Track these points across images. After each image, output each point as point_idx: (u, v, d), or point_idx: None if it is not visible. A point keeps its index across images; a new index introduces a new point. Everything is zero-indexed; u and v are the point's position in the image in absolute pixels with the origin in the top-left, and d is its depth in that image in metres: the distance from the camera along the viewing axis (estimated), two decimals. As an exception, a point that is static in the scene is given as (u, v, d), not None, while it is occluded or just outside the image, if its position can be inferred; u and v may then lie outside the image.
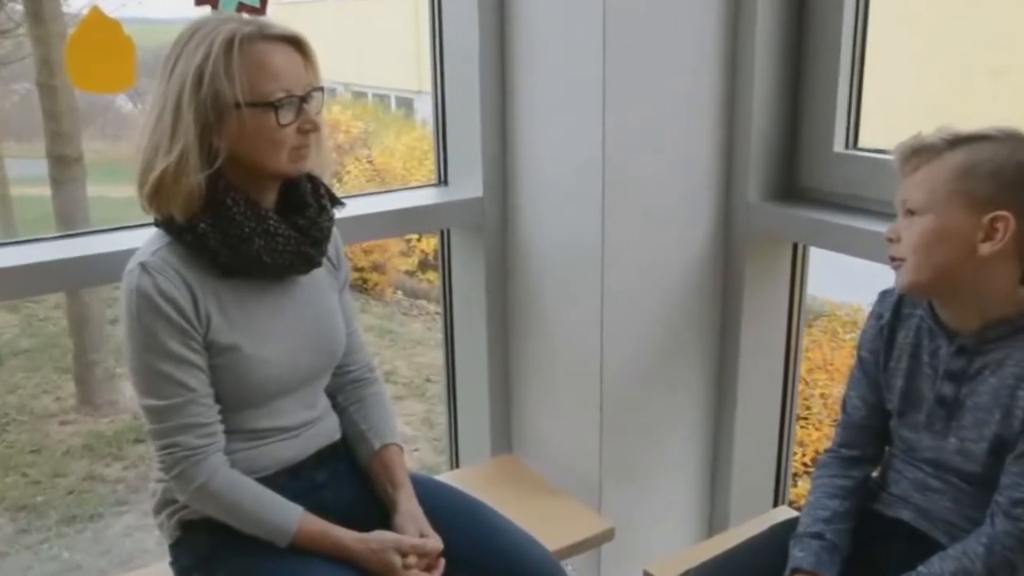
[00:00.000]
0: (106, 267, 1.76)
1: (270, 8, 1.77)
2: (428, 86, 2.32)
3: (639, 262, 2.07)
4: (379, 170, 8.04)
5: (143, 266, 1.44)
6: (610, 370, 2.09)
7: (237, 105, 1.42)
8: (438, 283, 2.46)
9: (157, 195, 1.44)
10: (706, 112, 2.07)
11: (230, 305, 1.50)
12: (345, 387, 1.74)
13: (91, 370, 6.24)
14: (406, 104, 9.41)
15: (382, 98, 9.67)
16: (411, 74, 8.48)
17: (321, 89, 1.52)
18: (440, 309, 2.49)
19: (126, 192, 1.55)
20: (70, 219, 5.86)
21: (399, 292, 7.98)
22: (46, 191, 6.09)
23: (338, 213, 1.64)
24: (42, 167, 6.09)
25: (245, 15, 1.74)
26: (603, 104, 1.91)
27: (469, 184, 2.25)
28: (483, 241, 2.26)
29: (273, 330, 1.55)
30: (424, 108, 8.58)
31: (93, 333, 6.20)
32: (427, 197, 2.28)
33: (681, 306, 2.16)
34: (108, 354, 6.22)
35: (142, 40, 1.72)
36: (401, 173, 7.84)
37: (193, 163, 1.42)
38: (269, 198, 1.54)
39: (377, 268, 7.72)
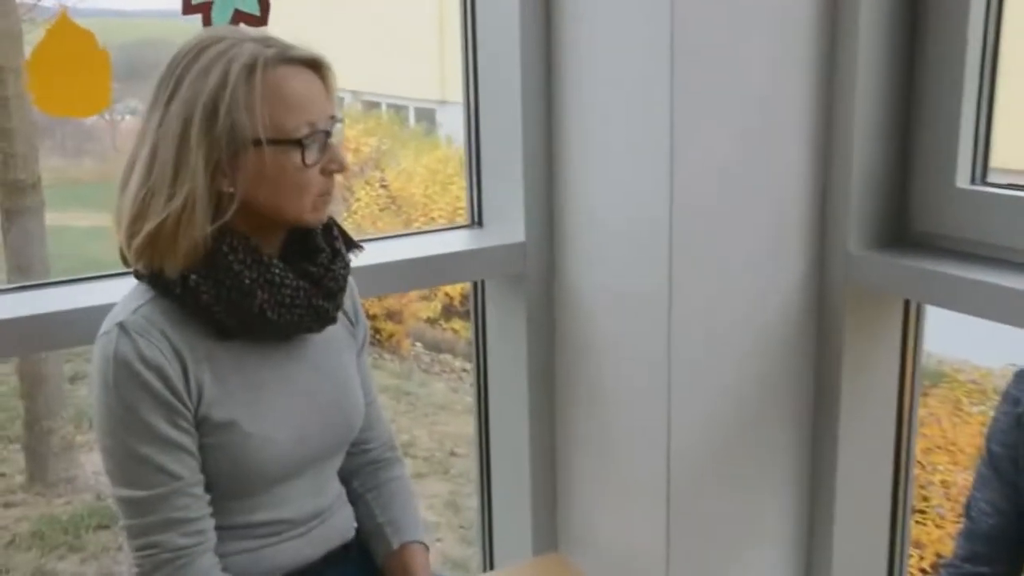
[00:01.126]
0: (73, 327, 1.78)
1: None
2: (455, 94, 2.33)
3: (714, 321, 2.08)
4: (394, 196, 8.10)
5: (122, 327, 1.46)
6: (679, 450, 2.09)
7: (256, 142, 1.43)
8: (468, 336, 2.48)
9: (151, 248, 1.45)
10: (795, 138, 2.08)
11: (227, 372, 1.52)
12: (361, 470, 1.76)
13: (45, 439, 6.27)
14: (428, 117, 9.45)
15: (399, 109, 9.73)
16: (434, 80, 8.53)
17: (340, 120, 1.55)
18: (470, 367, 2.49)
19: (92, 220, 1.57)
20: (25, 257, 5.92)
21: (418, 344, 8.00)
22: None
23: (355, 259, 1.66)
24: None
25: (243, 25, 1.80)
26: (671, 129, 1.93)
27: (509, 226, 2.27)
28: (525, 292, 2.28)
29: (279, 401, 1.57)
30: (449, 122, 8.62)
31: (49, 394, 6.24)
32: (458, 242, 2.29)
33: (765, 374, 2.17)
34: (66, 420, 6.26)
35: (110, 37, 1.77)
36: (421, 201, 7.89)
37: (200, 213, 1.43)
38: (273, 244, 1.56)
39: (392, 316, 7.74)
